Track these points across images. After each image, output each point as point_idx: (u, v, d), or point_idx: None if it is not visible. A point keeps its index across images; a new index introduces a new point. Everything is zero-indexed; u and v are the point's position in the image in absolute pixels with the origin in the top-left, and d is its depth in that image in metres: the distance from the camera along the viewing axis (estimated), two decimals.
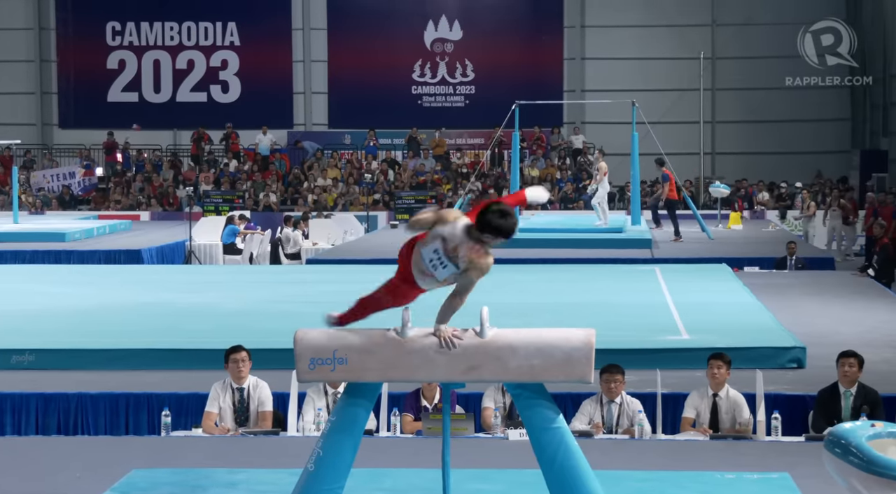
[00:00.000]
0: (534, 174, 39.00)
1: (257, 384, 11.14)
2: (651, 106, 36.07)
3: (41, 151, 42.12)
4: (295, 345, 7.35)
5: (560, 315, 15.44)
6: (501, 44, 41.61)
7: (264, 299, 18.41)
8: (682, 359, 13.10)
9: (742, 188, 37.74)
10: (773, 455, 9.91)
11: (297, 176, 39.16)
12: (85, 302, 17.95)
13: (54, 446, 10.46)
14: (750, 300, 17.38)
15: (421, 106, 41.97)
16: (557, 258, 23.46)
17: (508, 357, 7.20)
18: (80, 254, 25.92)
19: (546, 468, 7.31)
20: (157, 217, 36.93)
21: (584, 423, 10.81)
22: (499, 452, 9.98)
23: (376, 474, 8.85)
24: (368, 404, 7.50)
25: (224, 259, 27.83)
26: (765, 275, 21.70)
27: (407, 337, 7.27)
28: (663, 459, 9.78)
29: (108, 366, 13.33)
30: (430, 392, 11.19)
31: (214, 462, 9.58)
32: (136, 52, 42.31)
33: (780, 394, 11.79)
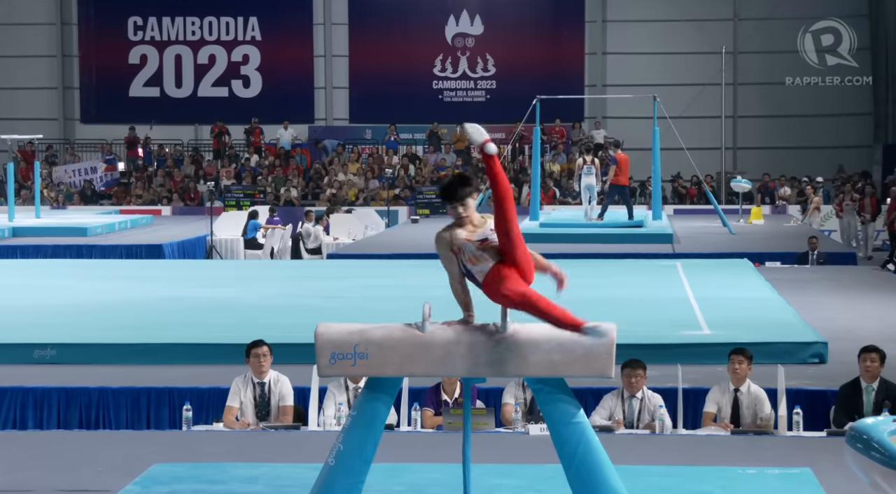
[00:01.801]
0: (554, 169, 38.98)
1: (278, 378, 11.15)
2: (672, 100, 35.98)
3: (63, 146, 42.25)
4: (316, 340, 7.35)
5: (581, 309, 15.34)
6: (523, 38, 41.56)
7: (285, 294, 18.43)
8: (703, 354, 13.07)
9: (763, 183, 37.65)
10: (795, 450, 9.89)
11: (317, 171, 39.20)
12: (106, 296, 18.00)
13: (76, 440, 10.48)
14: (771, 295, 17.34)
15: (442, 100, 41.95)
16: (578, 253, 23.43)
17: (529, 352, 7.20)
18: (102, 249, 26.00)
19: (567, 463, 7.31)
20: (179, 212, 37.01)
21: (605, 418, 10.80)
22: (519, 447, 9.97)
23: (397, 469, 8.85)
24: (389, 399, 7.50)
25: (245, 254, 27.88)
26: (786, 270, 21.65)
27: (427, 332, 7.27)
28: (684, 454, 9.77)
29: (130, 361, 13.36)
30: (451, 386, 11.18)
31: (235, 457, 9.60)
32: (157, 46, 42.39)
33: (802, 389, 11.76)
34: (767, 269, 21.31)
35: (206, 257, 27.39)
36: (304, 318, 12.95)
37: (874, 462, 6.52)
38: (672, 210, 35.50)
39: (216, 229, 28.33)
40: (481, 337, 7.23)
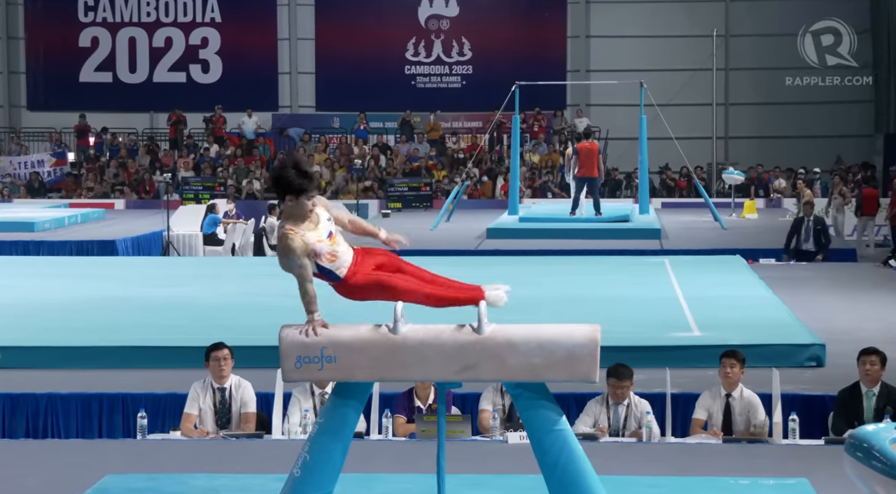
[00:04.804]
0: (534, 159, 39.04)
1: (240, 384, 11.14)
2: (660, 87, 36.10)
3: (8, 135, 42.08)
4: (280, 342, 7.35)
5: (563, 309, 15.44)
6: (500, 20, 41.59)
7: (247, 292, 18.40)
8: (692, 357, 13.12)
9: (757, 174, 37.76)
10: (791, 459, 9.92)
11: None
12: (55, 296, 17.94)
13: (22, 450, 10.45)
14: (765, 294, 17.40)
15: (415, 87, 41.95)
16: (560, 249, 23.48)
17: (507, 354, 7.20)
18: (51, 245, 25.90)
19: (548, 473, 7.32)
20: (133, 205, 36.91)
21: (589, 425, 10.81)
22: (497, 456, 9.98)
23: (367, 479, 8.85)
24: (358, 405, 7.50)
25: (204, 250, 27.81)
26: (781, 268, 21.72)
27: (399, 333, 7.26)
28: (673, 464, 9.79)
29: (80, 365, 13.32)
30: (424, 392, 11.19)
31: (194, 467, 9.58)
32: (109, 28, 42.25)
33: (798, 394, 11.80)
34: (761, 266, 21.38)
35: (162, 254, 27.31)
36: (268, 319, 12.91)
37: (875, 471, 6.54)
38: (660, 203, 35.60)
39: (173, 224, 28.24)
40: (457, 339, 7.23)
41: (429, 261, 23.73)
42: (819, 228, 22.94)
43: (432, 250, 23.52)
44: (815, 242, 22.71)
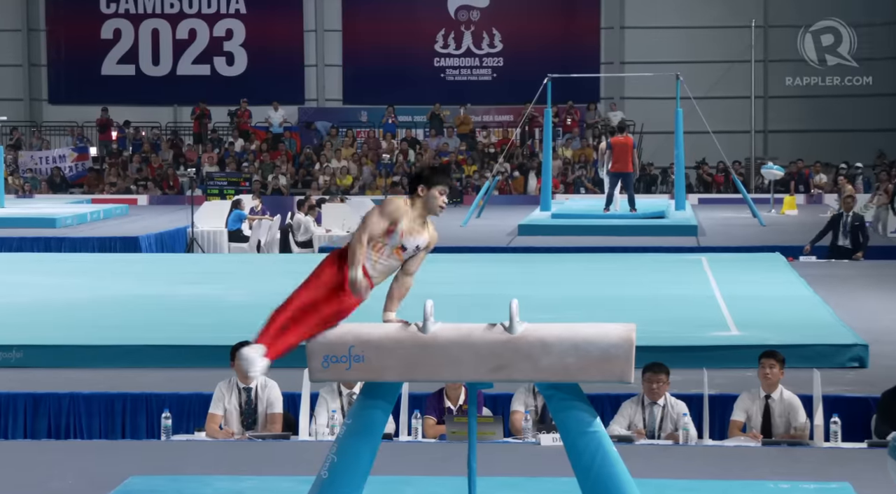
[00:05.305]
0: (567, 154, 38.99)
1: (266, 383, 11.15)
2: (697, 79, 35.99)
3: (29, 129, 42.26)
4: (307, 342, 7.35)
5: (597, 308, 15.42)
6: (532, 11, 41.54)
7: (273, 291, 18.33)
8: (731, 358, 13.10)
9: (797, 169, 37.63)
10: (833, 462, 9.89)
11: (308, 156, 39.21)
12: (77, 293, 18.01)
13: (44, 451, 10.49)
14: (806, 292, 17.34)
15: (444, 79, 41.94)
16: (593, 246, 23.44)
17: (540, 354, 7.19)
18: (72, 242, 25.99)
19: (582, 476, 7.31)
20: (156, 201, 37.03)
21: (624, 427, 10.80)
22: (530, 459, 9.98)
23: (396, 482, 8.86)
24: (387, 405, 7.50)
25: (229, 247, 27.87)
26: (822, 266, 21.63)
27: (429, 332, 7.26)
28: (710, 467, 9.77)
29: (104, 364, 13.37)
30: (455, 392, 11.18)
31: (219, 469, 9.60)
32: (132, 20, 42.37)
33: (840, 396, 11.76)
34: (801, 264, 21.29)
35: (186, 251, 27.38)
36: None
37: None
38: (696, 199, 35.53)
39: (197, 220, 28.31)
40: (488, 339, 7.23)
41: (459, 259, 23.81)
42: (857, 225, 22.83)
43: (462, 247, 23.53)
44: (853, 240, 22.58)
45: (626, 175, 27.58)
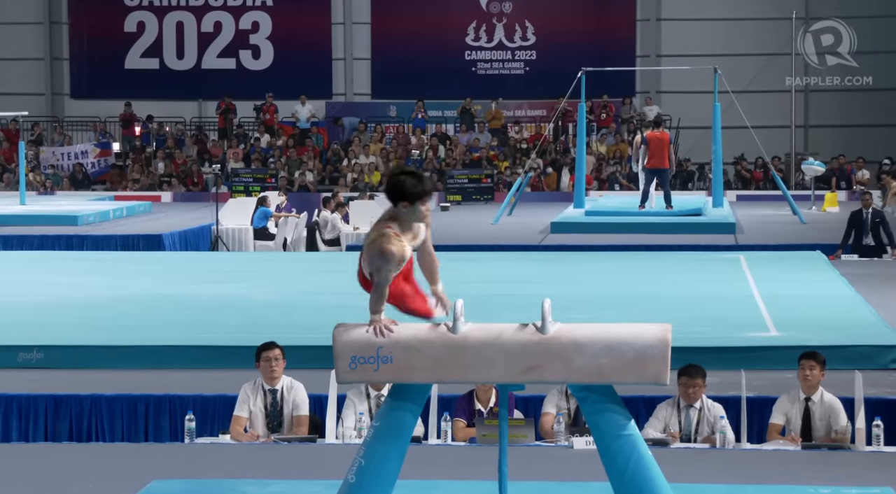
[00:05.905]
0: (602, 150, 38.95)
1: (292, 385, 11.17)
2: (735, 72, 35.93)
3: (51, 124, 42.45)
4: (334, 342, 7.35)
5: (632, 308, 15.40)
6: (566, 3, 41.55)
7: (300, 290, 18.47)
8: (770, 359, 13.07)
9: (839, 165, 37.51)
10: (875, 467, 9.85)
11: (336, 152, 39.27)
12: (99, 293, 18.07)
13: (65, 454, 10.52)
14: (847, 292, 17.29)
15: (475, 73, 41.96)
16: (628, 244, 23.41)
17: (573, 355, 7.18)
18: (95, 240, 26.10)
19: (616, 480, 7.30)
20: (180, 198, 37.14)
21: (659, 430, 10.79)
22: (562, 462, 9.97)
23: (425, 486, 8.86)
24: (416, 408, 7.49)
25: (255, 245, 27.95)
26: (864, 264, 21.56)
27: (459, 333, 7.26)
28: (748, 471, 9.74)
29: (126, 365, 13.41)
30: (485, 394, 11.18)
31: (243, 473, 9.62)
32: (156, 13, 42.53)
33: (883, 398, 11.72)
34: (843, 263, 21.23)
35: (210, 249, 27.47)
36: (321, 317, 12.96)
37: None
38: (735, 196, 35.46)
39: (222, 218, 28.40)
40: (520, 339, 7.22)
41: (490, 257, 23.86)
42: (878, 221, 22.71)
43: (494, 245, 23.54)
44: (874, 236, 22.44)
45: (662, 171, 27.57)
